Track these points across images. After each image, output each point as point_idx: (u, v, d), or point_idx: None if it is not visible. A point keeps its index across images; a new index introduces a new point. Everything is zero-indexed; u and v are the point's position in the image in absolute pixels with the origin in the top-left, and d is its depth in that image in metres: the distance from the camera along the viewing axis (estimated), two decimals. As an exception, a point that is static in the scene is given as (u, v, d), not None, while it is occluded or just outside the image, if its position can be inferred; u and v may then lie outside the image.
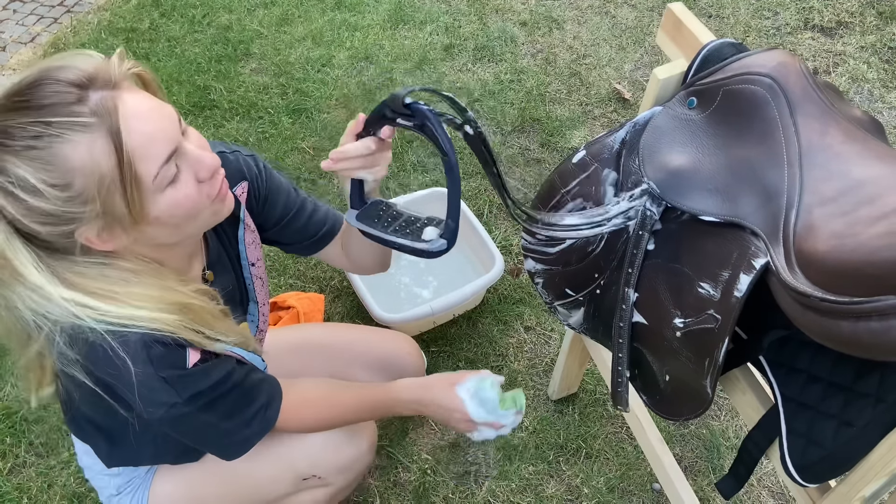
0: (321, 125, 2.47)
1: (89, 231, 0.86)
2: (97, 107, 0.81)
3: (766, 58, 1.00)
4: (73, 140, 0.80)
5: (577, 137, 2.44)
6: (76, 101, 0.81)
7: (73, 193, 0.82)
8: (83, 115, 0.81)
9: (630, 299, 1.12)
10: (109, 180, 0.82)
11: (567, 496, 1.68)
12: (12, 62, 2.71)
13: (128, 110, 0.83)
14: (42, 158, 0.80)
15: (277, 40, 2.76)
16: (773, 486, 1.69)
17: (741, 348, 1.09)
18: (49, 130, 0.79)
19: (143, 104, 0.85)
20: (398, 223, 1.01)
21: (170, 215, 0.89)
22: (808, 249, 0.86)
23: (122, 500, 1.28)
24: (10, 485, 1.66)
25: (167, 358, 0.94)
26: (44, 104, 0.80)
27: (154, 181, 0.85)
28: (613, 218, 1.09)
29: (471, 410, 1.11)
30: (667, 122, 1.08)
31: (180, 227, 0.93)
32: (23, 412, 1.76)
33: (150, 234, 0.91)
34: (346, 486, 1.32)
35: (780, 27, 2.78)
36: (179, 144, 0.88)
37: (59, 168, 0.80)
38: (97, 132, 0.81)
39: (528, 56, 2.73)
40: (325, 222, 1.24)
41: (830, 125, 0.94)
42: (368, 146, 0.98)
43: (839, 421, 0.91)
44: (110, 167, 0.82)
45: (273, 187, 1.19)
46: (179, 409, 0.98)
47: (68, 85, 0.81)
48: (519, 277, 2.07)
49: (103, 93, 0.83)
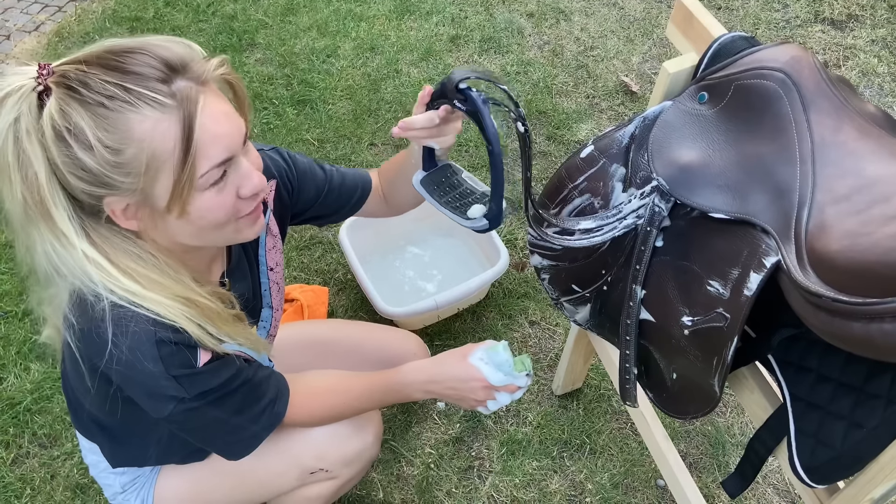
0: (326, 116, 2.45)
1: (118, 203, 0.87)
2: (180, 92, 0.83)
3: (778, 52, 0.98)
4: (143, 112, 0.82)
5: (584, 130, 2.42)
6: (161, 80, 0.83)
7: (120, 160, 0.83)
8: (162, 93, 0.82)
9: (637, 296, 1.10)
10: (161, 161, 0.84)
11: (571, 492, 1.67)
12: (16, 51, 2.70)
13: (206, 107, 0.86)
14: (107, 118, 0.81)
15: (282, 30, 2.75)
16: (779, 484, 1.68)
17: (750, 346, 1.08)
18: (124, 95, 0.81)
19: (220, 107, 0.88)
20: (453, 194, 1.07)
21: (198, 216, 0.90)
22: (820, 248, 0.84)
23: (127, 498, 1.27)
24: (13, 475, 1.66)
25: (178, 356, 0.95)
26: (130, 70, 0.82)
27: (200, 178, 0.87)
28: (627, 217, 1.08)
29: (488, 375, 1.12)
30: (677, 117, 1.07)
31: (202, 233, 0.94)
32: (26, 402, 1.76)
33: (172, 227, 0.92)
34: (353, 478, 1.32)
35: (790, 20, 2.75)
36: (235, 155, 0.90)
37: (118, 132, 0.82)
38: (170, 114, 0.83)
39: (534, 48, 2.71)
40: (355, 188, 1.27)
41: (844, 121, 0.92)
42: (432, 118, 1.02)
43: (849, 422, 0.90)
44: (168, 150, 0.83)
45: (300, 174, 1.22)
46: (187, 405, 0.98)
47: (161, 62, 0.83)
48: (524, 272, 2.06)
49: (190, 83, 0.85)
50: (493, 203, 1.00)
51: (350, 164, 2.32)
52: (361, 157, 2.33)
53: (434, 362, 1.17)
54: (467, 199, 1.07)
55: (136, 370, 0.94)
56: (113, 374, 0.97)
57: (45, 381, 1.80)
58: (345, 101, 2.51)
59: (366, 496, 1.66)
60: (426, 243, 2.09)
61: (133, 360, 0.93)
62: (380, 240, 2.02)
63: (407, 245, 2.08)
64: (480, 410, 1.17)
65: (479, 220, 1.02)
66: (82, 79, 0.81)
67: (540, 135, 2.41)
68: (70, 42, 2.69)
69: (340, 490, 1.32)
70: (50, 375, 1.82)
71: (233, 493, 1.28)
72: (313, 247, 2.12)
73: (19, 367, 1.83)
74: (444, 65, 2.62)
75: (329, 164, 1.27)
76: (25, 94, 0.81)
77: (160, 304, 0.92)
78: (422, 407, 1.80)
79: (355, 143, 2.38)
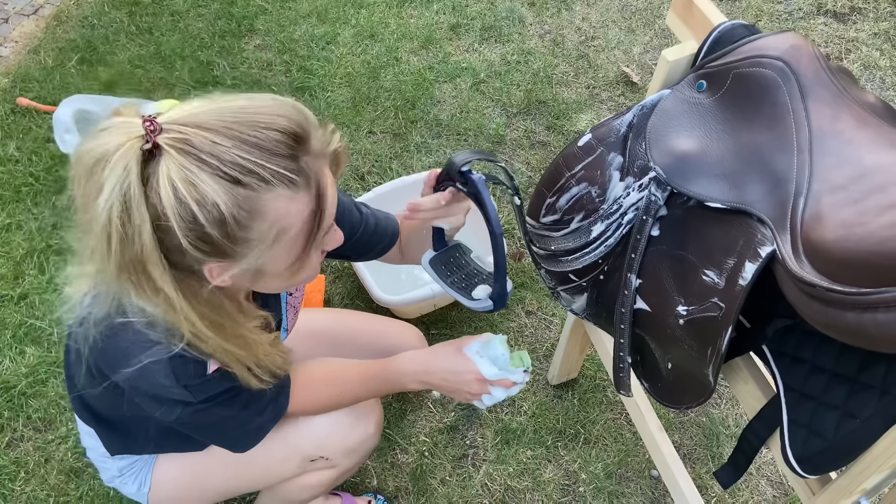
0: (325, 104, 2.44)
1: (224, 268, 0.86)
2: (308, 168, 0.84)
3: (778, 40, 0.97)
4: (277, 190, 0.81)
5: (584, 121, 2.41)
6: (290, 157, 0.82)
7: (248, 236, 0.82)
8: (294, 171, 0.82)
9: (632, 284, 1.10)
10: (289, 236, 0.85)
11: (564, 481, 1.67)
12: (15, 34, 2.69)
13: (327, 182, 0.88)
14: (242, 195, 0.79)
15: (282, 16, 2.73)
16: (772, 476, 1.68)
17: (744, 337, 1.08)
18: (262, 172, 0.80)
19: (329, 178, 0.89)
20: (460, 274, 1.12)
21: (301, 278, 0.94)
22: (815, 238, 0.84)
23: (124, 482, 1.28)
24: (7, 458, 1.66)
25: (189, 369, 0.96)
26: (266, 147, 0.80)
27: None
28: (628, 212, 1.08)
29: (481, 368, 1.12)
30: (675, 106, 1.06)
31: (288, 283, 0.96)
32: (21, 386, 1.76)
33: (265, 283, 0.94)
34: (352, 467, 1.32)
35: (792, 12, 2.74)
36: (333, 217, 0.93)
37: (251, 210, 0.80)
38: (301, 191, 0.83)
39: (535, 37, 2.69)
40: (385, 235, 1.28)
41: (842, 111, 0.91)
42: (438, 200, 1.04)
43: (842, 412, 0.90)
44: (298, 224, 0.85)
45: (340, 213, 1.21)
46: (194, 408, 1.00)
47: (289, 137, 0.82)
48: (522, 261, 2.05)
49: (312, 159, 0.85)
50: (496, 284, 1.04)
51: (349, 151, 2.31)
52: (360, 144, 2.33)
53: (429, 353, 1.17)
54: (473, 280, 1.11)
55: (147, 382, 0.95)
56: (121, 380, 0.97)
57: (39, 366, 1.80)
58: (344, 88, 2.50)
59: (360, 483, 1.66)
60: (423, 232, 2.08)
61: (145, 374, 0.94)
62: (377, 228, 2.01)
63: (404, 233, 2.08)
64: (476, 404, 1.16)
65: (483, 301, 1.06)
66: (213, 150, 0.78)
67: (539, 125, 2.40)
68: (68, 26, 2.68)
69: (339, 479, 1.32)
70: (45, 360, 1.81)
71: (232, 479, 1.28)
72: (310, 234, 2.12)
73: (14, 351, 1.83)
74: (443, 53, 2.61)
75: (365, 207, 1.27)
76: (134, 154, 0.77)
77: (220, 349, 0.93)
78: (417, 395, 1.80)
79: (354, 131, 2.37)
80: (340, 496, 1.58)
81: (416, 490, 1.65)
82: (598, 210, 1.15)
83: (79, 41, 2.62)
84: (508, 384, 1.13)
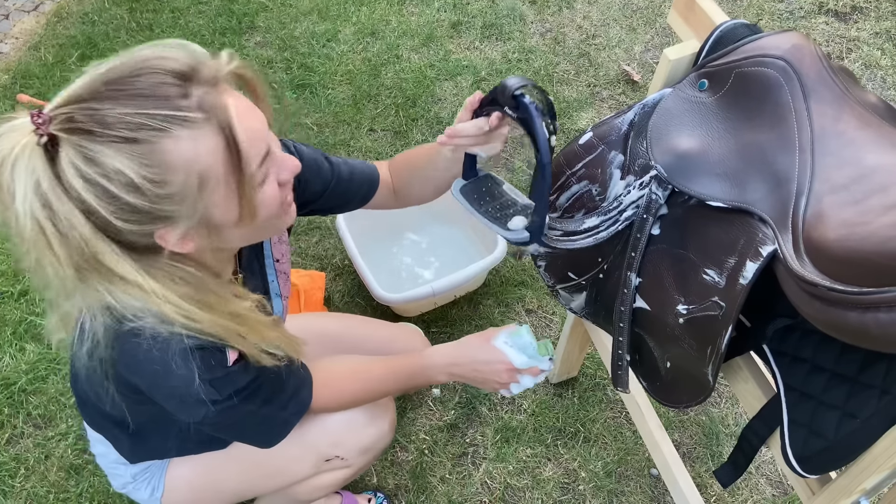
0: (325, 101, 2.44)
1: (172, 232, 0.82)
2: (205, 103, 0.78)
3: (780, 40, 0.97)
4: (176, 135, 0.76)
5: (585, 119, 2.41)
6: (179, 95, 0.77)
7: (169, 191, 0.77)
8: (189, 109, 0.77)
9: (632, 283, 1.10)
10: (212, 177, 0.79)
11: (564, 479, 1.68)
12: (15, 30, 2.68)
13: (233, 108, 0.80)
14: (141, 152, 0.75)
15: (283, 13, 2.73)
16: (772, 475, 1.68)
17: (745, 336, 1.08)
18: (151, 123, 0.75)
19: (242, 102, 0.83)
20: (494, 204, 1.05)
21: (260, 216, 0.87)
22: (817, 237, 0.84)
23: (137, 487, 1.26)
24: (7, 455, 1.66)
25: (208, 361, 0.94)
26: (144, 94, 0.76)
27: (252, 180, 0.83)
28: (627, 210, 1.08)
29: (512, 358, 1.14)
30: (676, 105, 1.06)
31: (257, 232, 0.92)
32: (21, 383, 1.76)
33: (227, 236, 0.88)
34: (364, 466, 1.31)
35: (793, 11, 2.73)
36: (270, 147, 0.86)
37: (158, 163, 0.76)
38: (204, 128, 0.78)
39: (536, 35, 2.69)
40: (363, 183, 1.23)
41: (844, 111, 0.91)
42: (481, 126, 0.99)
43: (842, 412, 0.89)
44: (216, 164, 0.79)
45: (307, 167, 1.17)
46: (220, 406, 0.98)
47: (172, 76, 0.77)
48: (521, 260, 2.05)
49: (206, 88, 0.79)
50: (536, 216, 0.98)
51: (349, 149, 2.31)
52: (360, 142, 2.32)
53: (458, 345, 1.18)
54: (508, 211, 1.04)
55: (168, 378, 0.92)
56: (142, 384, 0.96)
57: (40, 362, 1.80)
58: (344, 85, 2.50)
59: (360, 481, 1.66)
60: (424, 230, 2.08)
61: (165, 370, 0.91)
62: (378, 226, 2.01)
63: (405, 232, 2.08)
64: (503, 393, 1.19)
65: (520, 232, 1.01)
66: (96, 118, 0.74)
67: (540, 123, 2.40)
68: (69, 23, 2.67)
69: (350, 479, 1.32)
70: (45, 356, 1.82)
71: (246, 480, 1.27)
72: (311, 232, 2.12)
73: (14, 348, 1.83)
74: (444, 51, 2.60)
75: (337, 157, 1.23)
76: (32, 152, 0.74)
77: (216, 326, 0.90)
78: (417, 394, 1.80)
79: (354, 129, 2.36)
80: (341, 494, 1.58)
81: (416, 488, 1.65)
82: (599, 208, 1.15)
83: (79, 38, 2.61)
84: (536, 372, 1.16)
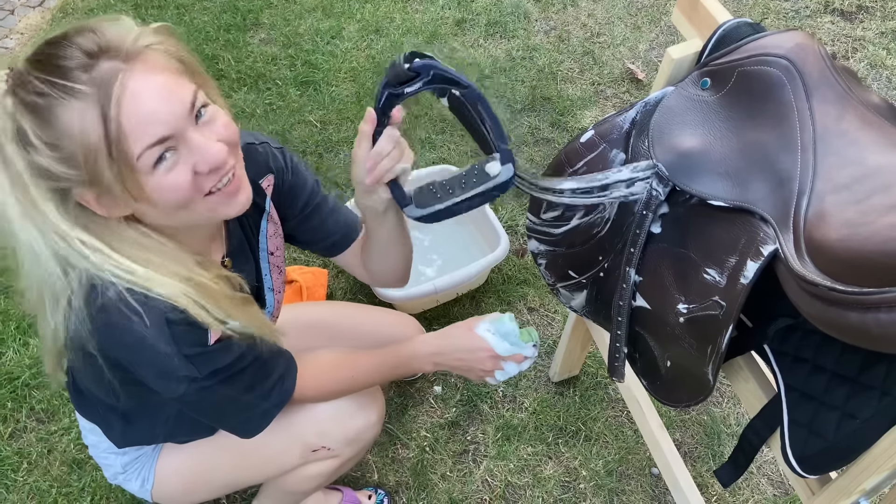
0: (329, 98, 2.44)
1: (85, 194, 0.86)
2: (99, 77, 0.81)
3: (783, 39, 0.97)
4: (68, 104, 0.81)
5: (588, 117, 2.40)
6: (80, 67, 0.81)
7: (62, 155, 0.82)
8: (80, 82, 0.80)
9: (631, 279, 1.10)
10: (94, 150, 0.82)
11: (565, 478, 1.68)
12: (20, 26, 2.69)
13: (129, 86, 0.81)
14: (41, 116, 0.81)
15: (287, 10, 2.73)
16: (773, 475, 1.68)
17: (746, 336, 1.08)
18: (51, 91, 0.80)
19: (150, 83, 0.83)
20: (457, 185, 0.98)
21: (157, 199, 0.87)
22: (818, 237, 0.84)
23: (128, 478, 1.27)
24: (10, 449, 1.67)
25: (189, 336, 0.94)
26: (56, 64, 0.81)
27: (137, 162, 0.83)
28: (613, 186, 1.05)
29: (494, 345, 1.14)
30: (678, 103, 1.06)
31: (171, 215, 0.91)
32: (24, 378, 1.76)
33: (143, 210, 0.90)
34: (353, 457, 1.32)
35: (799, 10, 2.73)
36: (179, 132, 0.85)
37: (53, 128, 0.81)
38: (90, 101, 0.80)
39: (541, 33, 2.69)
40: (340, 226, 1.23)
41: (847, 110, 0.91)
42: (394, 135, 0.97)
43: (842, 412, 0.89)
44: (96, 138, 0.81)
45: (298, 182, 1.18)
46: (200, 384, 0.99)
47: (79, 50, 0.81)
48: (524, 258, 2.05)
49: (113, 63, 0.81)
50: (500, 143, 0.92)
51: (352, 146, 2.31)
52: (364, 139, 2.32)
53: (441, 335, 1.19)
54: (473, 173, 0.97)
55: (147, 352, 0.94)
56: (123, 358, 0.96)
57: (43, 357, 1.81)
58: (348, 83, 2.50)
59: (360, 477, 1.67)
60: (427, 228, 2.08)
61: (144, 343, 0.92)
62: (380, 223, 2.01)
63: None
64: (489, 381, 1.19)
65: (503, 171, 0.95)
66: (23, 79, 0.82)
67: (544, 121, 2.40)
68: (74, 18, 2.68)
69: (340, 469, 1.32)
70: (48, 351, 1.82)
71: (235, 470, 1.28)
72: (313, 229, 2.12)
73: (18, 343, 1.83)
74: (448, 48, 2.60)
75: (333, 196, 1.23)
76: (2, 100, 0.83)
77: (161, 285, 0.90)
78: (418, 391, 1.80)
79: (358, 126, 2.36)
80: (341, 490, 1.58)
81: (417, 485, 1.65)
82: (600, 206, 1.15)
83: (84, 33, 2.62)
84: (520, 359, 1.16)
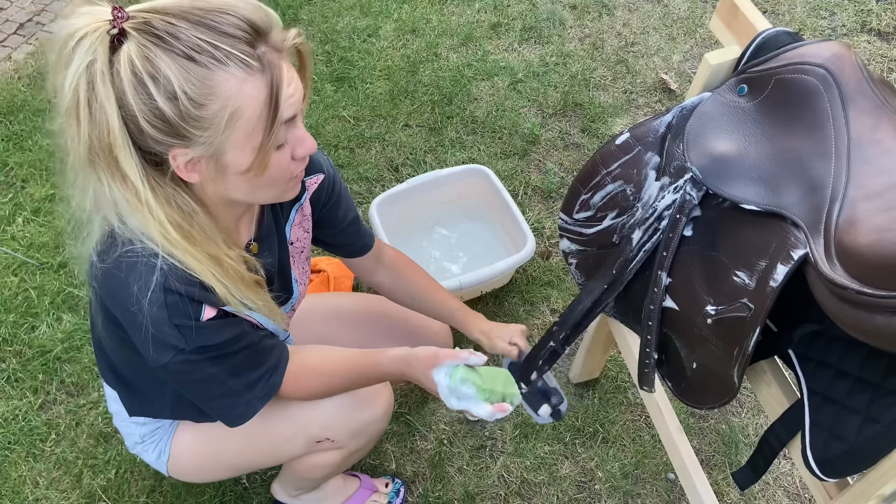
0: (363, 95, 2.48)
1: (184, 156, 0.88)
2: (265, 57, 0.86)
3: (821, 48, 0.98)
4: (230, 71, 0.83)
5: (619, 125, 2.42)
6: (248, 42, 0.84)
7: (202, 114, 0.84)
8: (250, 55, 0.84)
9: (662, 282, 1.11)
10: (243, 120, 0.85)
11: (580, 478, 1.69)
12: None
13: (286, 71, 0.89)
14: (194, 71, 0.82)
15: (326, 8, 2.77)
16: (790, 487, 1.68)
17: (770, 341, 1.09)
18: (214, 52, 0.82)
19: (290, 73, 0.90)
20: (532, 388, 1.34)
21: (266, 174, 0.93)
22: (849, 242, 0.85)
23: (146, 448, 1.32)
24: (39, 420, 1.72)
25: (182, 307, 0.96)
26: (222, 30, 0.83)
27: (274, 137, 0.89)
28: (664, 216, 1.10)
29: (443, 396, 1.07)
30: (715, 108, 1.08)
31: (257, 190, 0.96)
32: (56, 351, 1.81)
33: (231, 182, 0.94)
34: (360, 448, 1.34)
35: (835, 28, 2.72)
36: (296, 116, 0.93)
37: (204, 86, 0.83)
38: (256, 76, 0.85)
39: (575, 40, 2.71)
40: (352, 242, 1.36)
41: (882, 120, 0.92)
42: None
43: (865, 417, 0.90)
44: (252, 109, 0.85)
45: (342, 191, 1.28)
46: (186, 356, 1.00)
47: (248, 25, 0.85)
48: (549, 260, 2.07)
49: (270, 49, 0.87)
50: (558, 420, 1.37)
51: (384, 143, 2.35)
52: (395, 136, 2.36)
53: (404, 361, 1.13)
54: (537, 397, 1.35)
55: (141, 313, 0.95)
56: (120, 314, 0.99)
57: (76, 332, 1.86)
58: (382, 80, 2.53)
59: (378, 465, 1.69)
60: (454, 225, 2.11)
61: (140, 303, 0.95)
62: (409, 219, 2.04)
63: (435, 226, 2.11)
64: None
65: (543, 419, 1.33)
66: (170, 30, 0.81)
67: (574, 127, 2.42)
68: None
69: (348, 459, 1.35)
70: (81, 327, 1.87)
71: (243, 454, 1.31)
72: (343, 221, 2.15)
73: (52, 317, 1.88)
74: (483, 51, 2.63)
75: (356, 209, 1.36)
76: (101, 37, 0.81)
77: (193, 258, 0.94)
78: (439, 384, 1.82)
79: (390, 123, 2.40)
80: (359, 477, 1.61)
81: (434, 476, 1.67)
82: (633, 208, 1.16)
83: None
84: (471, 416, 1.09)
